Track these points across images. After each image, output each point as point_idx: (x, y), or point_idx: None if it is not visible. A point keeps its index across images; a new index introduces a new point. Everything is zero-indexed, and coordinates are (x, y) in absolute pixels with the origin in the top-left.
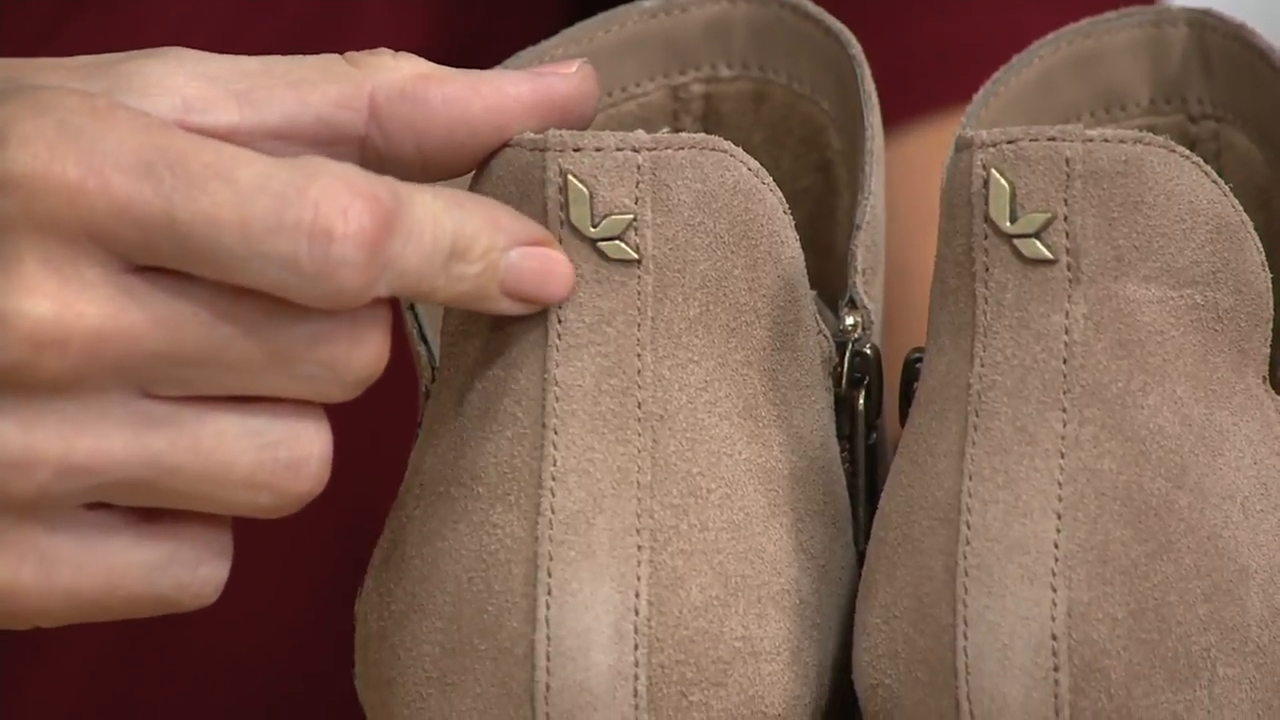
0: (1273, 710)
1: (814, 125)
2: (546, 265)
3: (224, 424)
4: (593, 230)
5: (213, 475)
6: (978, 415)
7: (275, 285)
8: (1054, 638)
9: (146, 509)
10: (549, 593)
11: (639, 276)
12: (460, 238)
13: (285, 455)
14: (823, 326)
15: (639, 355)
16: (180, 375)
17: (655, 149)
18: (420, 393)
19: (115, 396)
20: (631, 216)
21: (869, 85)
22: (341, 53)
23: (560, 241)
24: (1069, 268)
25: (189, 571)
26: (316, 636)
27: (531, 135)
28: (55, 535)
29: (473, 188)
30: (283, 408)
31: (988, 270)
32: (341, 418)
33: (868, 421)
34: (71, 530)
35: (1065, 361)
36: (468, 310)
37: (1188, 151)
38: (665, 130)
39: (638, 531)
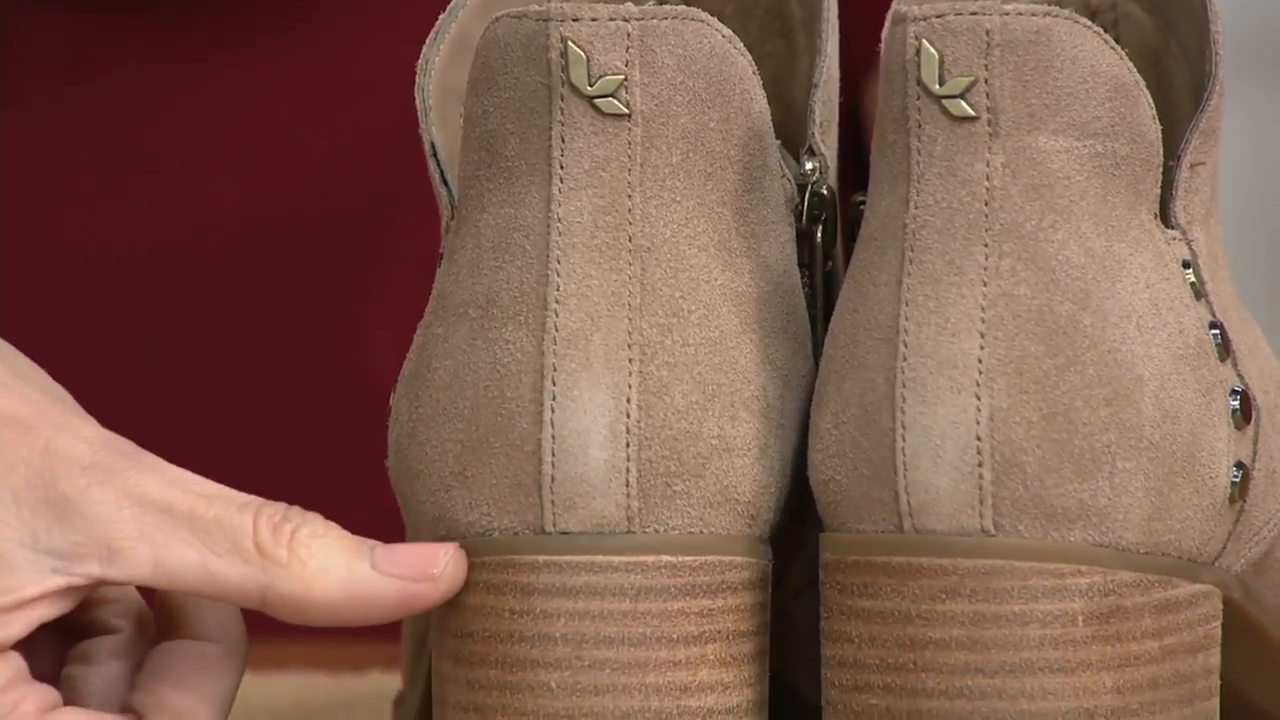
0: (1163, 496)
1: None
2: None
3: None
4: (589, 89)
5: None
6: (912, 250)
7: None
8: (978, 439)
9: None
10: (553, 399)
11: (629, 129)
12: None
13: None
14: (786, 171)
15: (629, 196)
16: None
17: (643, 19)
18: (442, 228)
19: None
20: (623, 77)
21: None
22: None
23: (562, 99)
24: (989, 123)
25: None
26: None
27: (536, 7)
28: None
29: (479, 54)
30: None
31: (920, 126)
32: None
33: (824, 252)
34: None
35: (986, 204)
36: (482, 157)
37: (1089, 22)
38: (651, 3)
39: (629, 347)
